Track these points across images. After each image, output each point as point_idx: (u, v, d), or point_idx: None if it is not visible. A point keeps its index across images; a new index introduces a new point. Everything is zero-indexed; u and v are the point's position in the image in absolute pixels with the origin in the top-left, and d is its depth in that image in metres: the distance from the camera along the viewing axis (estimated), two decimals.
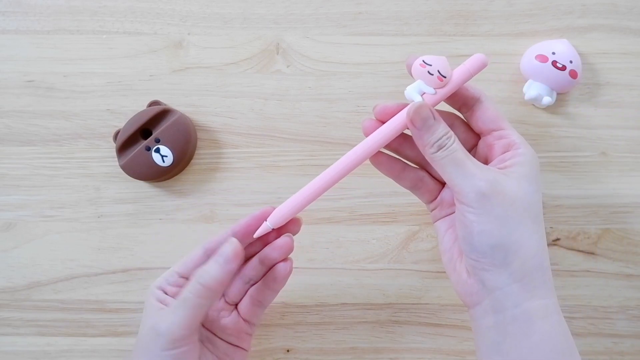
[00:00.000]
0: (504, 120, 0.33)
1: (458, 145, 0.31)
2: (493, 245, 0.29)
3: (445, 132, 0.31)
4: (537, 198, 0.31)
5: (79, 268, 0.42)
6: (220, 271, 0.31)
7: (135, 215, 0.43)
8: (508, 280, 0.29)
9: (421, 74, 0.32)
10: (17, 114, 0.43)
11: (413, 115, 0.31)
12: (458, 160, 0.30)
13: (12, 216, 0.43)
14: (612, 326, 0.41)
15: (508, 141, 0.32)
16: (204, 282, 0.30)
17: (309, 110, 0.43)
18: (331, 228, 0.42)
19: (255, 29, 0.44)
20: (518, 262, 0.29)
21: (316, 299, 0.42)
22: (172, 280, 0.34)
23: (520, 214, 0.30)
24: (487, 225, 0.30)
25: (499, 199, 0.29)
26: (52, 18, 0.44)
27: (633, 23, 0.43)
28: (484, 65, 0.32)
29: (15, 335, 0.42)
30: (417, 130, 0.31)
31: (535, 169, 0.32)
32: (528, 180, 0.31)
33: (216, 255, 0.31)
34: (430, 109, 0.31)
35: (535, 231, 0.30)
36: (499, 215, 0.29)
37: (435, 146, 0.31)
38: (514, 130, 0.33)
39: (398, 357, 0.42)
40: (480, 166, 0.31)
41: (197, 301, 0.30)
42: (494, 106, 0.33)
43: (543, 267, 0.30)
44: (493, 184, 0.30)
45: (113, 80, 0.43)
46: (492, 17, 0.43)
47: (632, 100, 0.43)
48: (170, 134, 0.40)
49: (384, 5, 0.44)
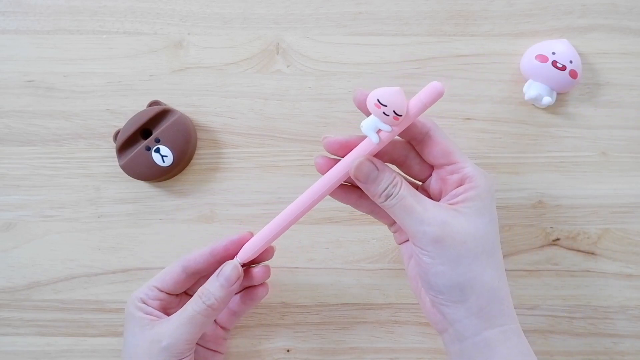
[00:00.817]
0: (455, 153, 0.32)
1: (405, 191, 0.31)
2: (448, 286, 0.30)
3: (391, 181, 0.31)
4: (491, 229, 0.31)
5: (79, 268, 0.42)
6: (224, 293, 0.34)
7: (135, 215, 0.43)
8: (466, 314, 0.31)
9: (377, 113, 0.30)
10: (17, 114, 0.43)
11: (355, 172, 0.31)
12: (406, 207, 0.31)
13: (12, 216, 0.43)
14: (612, 326, 0.42)
15: (460, 176, 0.32)
16: (210, 304, 0.33)
17: (309, 110, 0.43)
18: (331, 228, 0.42)
19: (255, 29, 0.44)
20: (474, 298, 0.30)
21: (316, 299, 0.42)
22: (152, 294, 0.36)
23: (473, 252, 0.30)
24: (440, 267, 0.30)
25: (450, 241, 0.30)
26: (52, 18, 0.44)
27: (633, 23, 0.43)
28: (439, 94, 0.30)
29: (15, 335, 0.42)
30: (363, 184, 0.32)
31: (488, 200, 0.32)
32: (480, 214, 0.31)
33: (219, 276, 0.34)
34: (372, 162, 0.31)
35: (490, 265, 0.31)
36: (452, 257, 0.30)
37: (383, 196, 0.31)
38: (467, 161, 0.32)
39: (398, 357, 0.42)
40: (430, 208, 0.31)
41: (202, 319, 0.33)
42: (444, 139, 0.32)
43: (499, 298, 0.31)
44: (443, 228, 0.30)
45: (113, 80, 0.43)
46: (492, 17, 0.43)
47: (632, 100, 0.43)
48: (170, 134, 0.40)
49: (384, 5, 0.44)
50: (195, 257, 0.36)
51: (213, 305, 0.33)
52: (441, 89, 0.30)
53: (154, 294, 0.36)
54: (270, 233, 0.34)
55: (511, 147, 0.43)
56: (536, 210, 0.42)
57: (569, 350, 0.41)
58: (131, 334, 0.34)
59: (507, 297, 0.32)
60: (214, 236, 0.42)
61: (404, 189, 0.31)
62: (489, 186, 0.32)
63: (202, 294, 0.34)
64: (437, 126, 0.33)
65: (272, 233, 0.34)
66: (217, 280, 0.34)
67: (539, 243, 0.42)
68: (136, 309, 0.35)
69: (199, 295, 0.34)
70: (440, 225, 0.30)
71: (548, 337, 0.42)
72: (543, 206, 0.42)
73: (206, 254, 0.36)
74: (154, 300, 0.36)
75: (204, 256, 0.36)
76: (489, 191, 0.32)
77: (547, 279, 0.42)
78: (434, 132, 0.32)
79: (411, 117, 0.30)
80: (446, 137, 0.33)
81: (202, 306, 0.33)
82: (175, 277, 0.36)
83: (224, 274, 0.34)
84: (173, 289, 0.36)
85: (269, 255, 0.37)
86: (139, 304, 0.35)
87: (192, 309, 0.33)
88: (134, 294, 0.36)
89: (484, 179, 0.32)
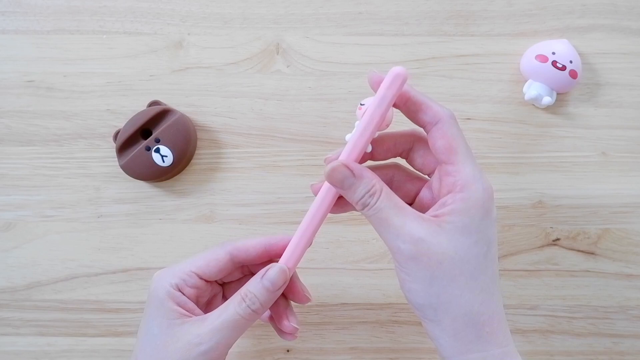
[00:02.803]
0: (456, 151, 0.29)
1: (383, 202, 0.29)
2: (421, 304, 0.29)
3: (368, 189, 0.29)
4: (476, 250, 0.28)
5: (79, 268, 0.42)
6: (269, 298, 0.31)
7: (135, 215, 0.43)
8: (442, 334, 0.29)
9: (360, 116, 0.30)
10: (17, 114, 0.43)
11: (329, 178, 0.29)
12: (382, 221, 0.29)
13: (12, 216, 0.43)
14: (612, 326, 0.42)
15: (453, 180, 0.29)
16: (255, 308, 0.31)
17: (309, 110, 0.43)
18: (331, 228, 0.42)
19: (255, 29, 0.44)
20: (448, 320, 0.28)
21: (316, 299, 0.42)
22: (191, 282, 0.32)
23: (450, 274, 0.28)
24: (414, 285, 0.29)
25: (425, 260, 0.28)
26: (52, 18, 0.44)
27: (633, 23, 0.43)
28: (399, 77, 0.28)
29: (15, 335, 0.42)
30: (339, 190, 0.30)
31: (478, 216, 0.28)
32: (465, 232, 0.28)
33: (264, 279, 0.31)
34: (347, 167, 0.29)
35: (470, 288, 0.28)
36: (426, 277, 0.28)
37: (360, 204, 0.29)
38: (466, 165, 0.29)
39: (398, 357, 0.42)
40: (409, 223, 0.28)
41: (245, 324, 0.31)
42: (450, 134, 0.29)
43: (479, 322, 0.28)
44: (419, 246, 0.28)
45: (113, 80, 0.43)
46: (492, 17, 0.43)
47: (632, 100, 0.43)
48: (170, 134, 0.40)
49: (384, 5, 0.44)
50: (247, 247, 0.33)
51: (258, 310, 0.31)
52: (401, 72, 0.28)
53: (193, 281, 0.32)
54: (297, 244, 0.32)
55: (511, 147, 0.43)
56: (536, 210, 0.42)
57: (569, 350, 0.41)
58: (157, 325, 0.31)
59: (491, 321, 0.28)
60: (214, 236, 0.42)
61: (381, 200, 0.29)
62: (482, 199, 0.28)
63: (246, 297, 0.31)
64: (450, 117, 0.30)
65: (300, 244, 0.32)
66: (261, 283, 0.31)
67: (539, 243, 0.42)
68: (168, 297, 0.31)
69: (243, 298, 0.31)
70: (416, 243, 0.28)
71: (548, 337, 0.42)
72: (543, 206, 0.42)
73: (260, 248, 0.33)
74: (192, 288, 0.32)
75: (257, 249, 0.33)
76: (482, 206, 0.28)
77: (547, 279, 0.42)
78: (443, 124, 0.29)
79: (373, 109, 0.29)
80: (454, 133, 0.29)
81: (247, 310, 0.30)
82: (221, 265, 0.32)
83: (271, 278, 0.31)
84: (215, 277, 0.33)
85: (304, 299, 0.35)
86: (173, 290, 0.31)
87: (235, 312, 0.30)
88: (166, 276, 0.32)
89: (479, 191, 0.28)
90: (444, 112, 0.30)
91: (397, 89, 0.28)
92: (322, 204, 0.31)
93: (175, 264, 0.33)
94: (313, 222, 0.31)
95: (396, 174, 0.33)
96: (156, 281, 0.32)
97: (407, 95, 0.30)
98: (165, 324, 0.31)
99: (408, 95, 0.30)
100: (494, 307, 0.29)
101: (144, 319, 0.32)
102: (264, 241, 0.33)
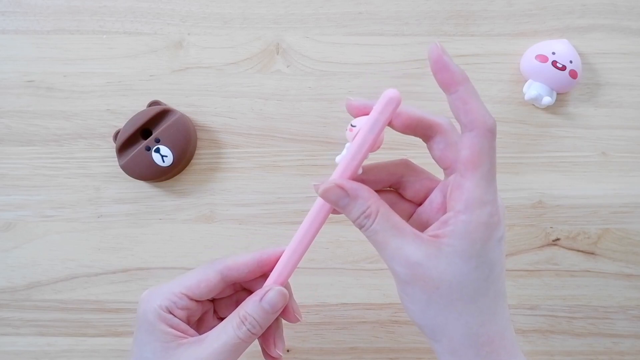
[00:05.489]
0: (475, 167, 0.26)
1: (379, 225, 0.27)
2: (419, 324, 0.28)
3: (363, 210, 0.28)
4: (475, 275, 0.26)
5: (79, 268, 0.42)
6: (268, 320, 0.31)
7: (135, 215, 0.43)
8: (441, 350, 0.28)
9: (350, 138, 0.28)
10: (17, 114, 0.43)
11: (324, 199, 0.28)
12: (378, 243, 0.28)
13: (12, 216, 0.43)
14: (612, 326, 0.42)
15: (460, 195, 0.27)
16: (255, 332, 0.30)
17: (309, 110, 0.43)
18: (331, 228, 0.42)
19: (255, 29, 0.44)
20: (446, 340, 0.28)
21: (316, 299, 0.42)
22: (182, 303, 0.31)
23: (447, 298, 0.27)
24: (412, 305, 0.28)
25: (421, 284, 0.27)
26: (52, 18, 0.44)
27: (633, 23, 0.43)
28: (392, 101, 0.26)
29: (15, 335, 0.42)
30: (337, 208, 0.29)
31: (480, 241, 0.26)
32: (464, 257, 0.26)
33: (264, 302, 0.30)
34: (341, 188, 0.28)
35: (469, 311, 0.27)
36: (422, 300, 0.27)
37: (357, 224, 0.28)
38: (480, 183, 0.26)
39: (398, 357, 0.42)
40: (406, 245, 0.27)
41: (244, 347, 0.30)
42: (477, 147, 0.26)
43: (477, 344, 0.27)
44: (415, 270, 0.27)
45: (113, 80, 0.43)
46: (492, 17, 0.43)
47: (632, 100, 0.43)
48: (170, 134, 0.40)
49: (384, 5, 0.44)
50: (238, 265, 0.32)
51: (258, 332, 0.30)
52: (394, 95, 0.27)
53: (183, 303, 0.31)
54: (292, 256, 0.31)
55: (511, 147, 0.43)
56: (536, 210, 0.42)
57: (569, 350, 0.41)
58: (150, 350, 0.30)
59: (491, 342, 0.27)
60: (214, 236, 0.42)
61: (377, 222, 0.27)
62: (486, 224, 0.26)
63: (245, 320, 0.30)
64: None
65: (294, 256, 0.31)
66: (261, 306, 0.30)
67: (539, 243, 0.42)
68: (159, 321, 0.30)
69: (242, 321, 0.30)
70: (413, 267, 0.27)
71: (548, 337, 0.42)
72: (543, 206, 0.42)
73: (252, 265, 0.32)
74: (182, 310, 0.31)
75: (249, 266, 0.32)
76: (487, 228, 0.26)
77: (547, 279, 0.42)
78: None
79: (365, 132, 0.27)
80: (484, 148, 0.26)
81: (246, 333, 0.30)
82: (211, 285, 0.31)
83: (270, 301, 0.30)
84: (206, 297, 0.32)
85: (294, 318, 0.34)
86: (164, 314, 0.30)
87: (235, 335, 0.30)
88: (155, 298, 0.31)
89: (483, 215, 0.26)
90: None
91: (390, 113, 0.27)
92: (317, 217, 0.30)
93: (163, 284, 0.32)
94: (307, 235, 0.30)
95: (406, 173, 0.32)
96: (145, 303, 0.31)
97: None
98: (159, 347, 0.30)
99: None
100: (496, 327, 0.28)
101: (135, 344, 0.31)
102: (257, 256, 0.32)
